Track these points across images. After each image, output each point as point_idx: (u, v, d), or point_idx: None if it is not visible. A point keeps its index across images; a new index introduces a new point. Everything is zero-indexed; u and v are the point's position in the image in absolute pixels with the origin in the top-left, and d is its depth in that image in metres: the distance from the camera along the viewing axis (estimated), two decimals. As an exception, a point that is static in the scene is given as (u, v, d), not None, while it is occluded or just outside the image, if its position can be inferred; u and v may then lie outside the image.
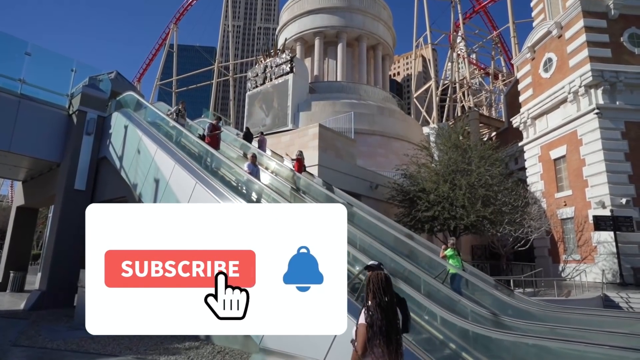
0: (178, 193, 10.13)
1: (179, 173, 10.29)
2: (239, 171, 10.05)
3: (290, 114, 27.33)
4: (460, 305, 6.87)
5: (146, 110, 14.68)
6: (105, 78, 17.91)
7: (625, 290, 15.73)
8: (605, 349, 4.87)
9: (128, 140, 13.46)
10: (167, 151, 11.15)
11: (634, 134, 20.96)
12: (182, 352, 7.59)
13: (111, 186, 14.59)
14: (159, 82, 58.70)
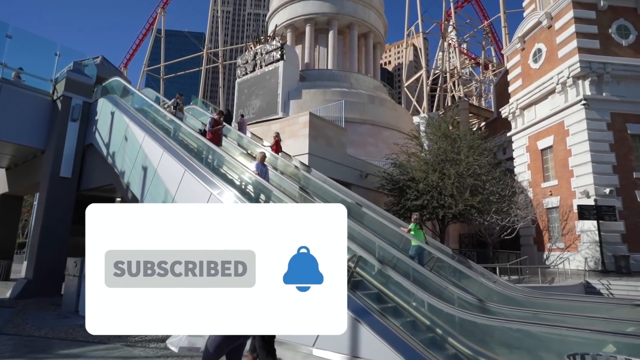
0: (166, 181, 10.03)
1: (167, 161, 10.17)
2: (245, 171, 9.47)
3: (281, 101, 27.11)
4: (447, 292, 7.00)
5: (133, 97, 14.40)
6: (91, 63, 17.50)
7: (606, 278, 16.20)
8: (585, 333, 5.03)
9: (115, 127, 13.23)
10: (155, 138, 11.00)
11: (619, 125, 21.33)
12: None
13: (98, 173, 14.37)
14: (146, 68, 57.51)
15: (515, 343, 5.84)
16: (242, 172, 9.71)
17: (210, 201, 8.64)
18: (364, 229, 8.55)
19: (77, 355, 6.51)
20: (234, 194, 8.44)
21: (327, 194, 10.93)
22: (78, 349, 6.90)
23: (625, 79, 21.92)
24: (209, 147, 10.24)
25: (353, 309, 5.82)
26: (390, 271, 6.45)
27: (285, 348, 6.39)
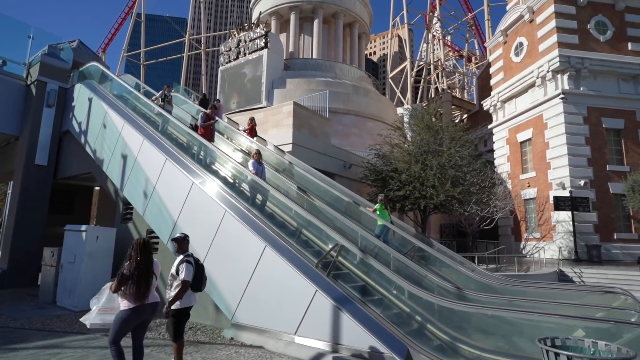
0: (147, 170, 9.85)
1: (147, 149, 9.98)
2: (239, 168, 9.08)
3: (265, 90, 26.80)
4: (427, 280, 7.16)
5: (112, 83, 14.00)
6: (67, 47, 16.88)
7: (578, 266, 16.84)
8: (556, 318, 5.25)
9: (93, 114, 12.86)
10: (135, 126, 10.76)
11: (594, 119, 21.98)
12: (152, 329, 7.56)
13: (75, 162, 13.99)
14: (125, 54, 55.77)
15: (491, 329, 6.05)
16: (225, 162, 9.60)
17: (192, 191, 8.54)
18: (346, 219, 8.63)
19: (55, 345, 6.41)
20: (217, 184, 8.35)
21: (309, 183, 10.95)
22: (56, 340, 6.79)
23: (601, 74, 22.53)
24: (200, 141, 9.92)
25: (334, 297, 5.90)
26: (372, 260, 6.55)
27: (267, 336, 6.45)
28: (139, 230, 10.45)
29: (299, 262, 6.52)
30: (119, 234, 10.35)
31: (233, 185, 9.14)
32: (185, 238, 5.25)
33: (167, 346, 6.39)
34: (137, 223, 10.46)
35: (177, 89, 23.03)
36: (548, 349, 3.28)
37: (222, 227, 7.70)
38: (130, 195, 10.32)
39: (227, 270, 7.46)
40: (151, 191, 9.48)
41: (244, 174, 8.88)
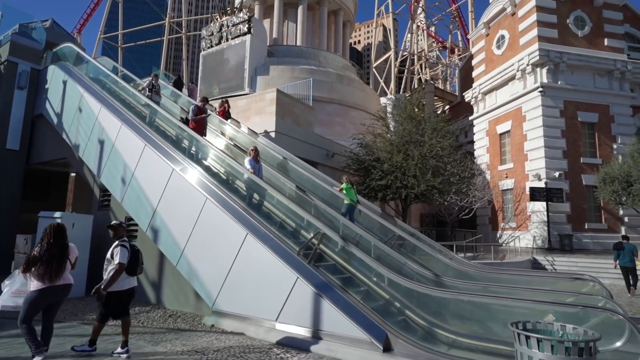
0: (125, 156, 9.62)
1: (126, 134, 9.73)
2: (236, 167, 8.72)
3: (247, 77, 26.37)
4: (406, 267, 7.30)
5: (88, 65, 13.52)
6: (39, 26, 16.17)
7: (551, 254, 17.48)
8: (529, 304, 5.45)
9: (68, 97, 12.41)
10: (113, 110, 10.45)
11: (570, 113, 22.59)
12: (132, 317, 7.47)
13: (50, 146, 13.53)
14: (102, 36, 53.73)
15: (467, 314, 6.24)
16: (209, 150, 9.44)
17: (172, 177, 8.40)
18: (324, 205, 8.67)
19: (30, 334, 6.25)
20: (198, 171, 8.23)
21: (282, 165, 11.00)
22: (31, 328, 6.63)
23: (578, 68, 23.10)
24: (186, 132, 9.55)
25: (316, 284, 5.96)
26: (353, 248, 6.63)
27: (248, 323, 6.48)
28: (117, 218, 10.23)
29: (281, 249, 6.53)
30: (97, 222, 10.12)
31: (214, 173, 9.03)
32: (120, 225, 5.39)
33: (146, 334, 6.35)
34: (115, 210, 10.25)
35: (157, 73, 22.41)
36: (519, 332, 3.41)
37: (203, 214, 7.63)
38: (108, 181, 10.07)
39: (208, 257, 7.42)
40: (130, 178, 9.27)
41: (253, 184, 8.32)
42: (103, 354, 5.22)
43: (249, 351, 5.45)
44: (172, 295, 8.37)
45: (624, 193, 17.61)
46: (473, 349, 5.52)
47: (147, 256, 9.11)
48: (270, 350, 5.49)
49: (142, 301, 8.78)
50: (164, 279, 8.59)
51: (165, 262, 8.44)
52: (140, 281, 9.14)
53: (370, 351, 5.15)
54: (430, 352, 5.09)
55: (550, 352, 3.18)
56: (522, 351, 3.38)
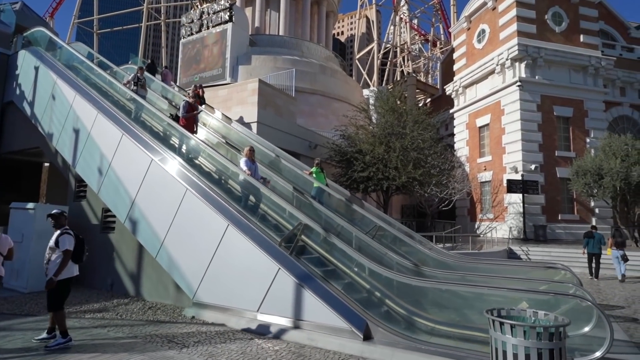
0: (102, 145, 9.36)
1: (102, 123, 9.45)
2: (231, 167, 8.34)
3: (229, 66, 25.92)
4: (387, 258, 7.41)
5: (61, 51, 13.01)
6: (8, 9, 15.44)
7: (526, 245, 18.05)
8: (504, 292, 5.64)
9: (40, 84, 11.94)
10: (88, 98, 10.11)
11: (547, 107, 23.20)
12: (110, 310, 7.37)
13: (21, 135, 13.03)
14: (76, 20, 51.68)
15: (446, 302, 6.40)
16: (189, 139, 9.26)
17: (151, 168, 8.23)
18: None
19: (4, 328, 6.09)
20: (178, 163, 8.08)
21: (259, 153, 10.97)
22: (4, 322, 6.46)
23: (555, 64, 23.67)
24: (176, 128, 9.20)
25: (297, 275, 5.99)
26: (335, 238, 6.67)
27: (229, 314, 6.47)
28: (94, 209, 10.00)
29: (263, 240, 6.52)
30: (72, 213, 9.85)
31: (195, 164, 8.89)
32: (62, 214, 5.45)
33: (124, 326, 6.26)
34: (92, 201, 9.99)
35: (135, 60, 21.81)
36: (494, 319, 3.52)
37: (183, 205, 7.52)
38: (84, 172, 9.79)
39: (188, 248, 7.34)
40: (107, 168, 9.04)
41: (250, 186, 7.96)
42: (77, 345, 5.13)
43: (230, 341, 5.45)
44: (151, 287, 8.26)
45: (595, 185, 18.27)
46: (451, 336, 5.68)
47: (125, 248, 9.00)
48: (251, 340, 5.51)
49: (120, 293, 8.64)
50: (143, 271, 8.46)
51: (144, 253, 8.31)
52: (119, 273, 9.00)
53: (350, 340, 5.23)
54: (410, 339, 5.21)
55: (523, 337, 3.30)
56: (496, 337, 3.50)
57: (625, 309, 8.38)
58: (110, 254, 9.25)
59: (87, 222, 10.07)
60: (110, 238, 9.38)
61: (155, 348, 5.11)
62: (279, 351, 5.05)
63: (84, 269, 9.75)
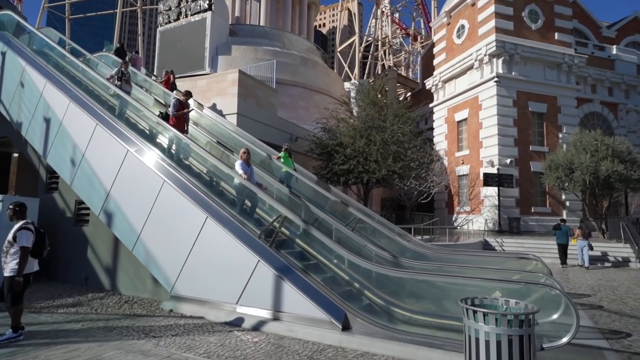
0: (75, 136, 9.03)
1: (75, 112, 9.12)
2: (227, 171, 7.88)
3: (208, 56, 25.39)
4: (366, 249, 7.50)
5: (31, 36, 12.44)
6: (-29, -10, 14.59)
7: (501, 236, 18.61)
8: (478, 281, 5.81)
9: (8, 70, 11.38)
10: (60, 86, 9.73)
11: (522, 103, 23.82)
12: (84, 304, 7.20)
13: (-13, 124, 12.41)
14: (46, 5, 49.44)
15: (422, 293, 6.54)
16: (165, 130, 9.06)
17: (126, 159, 8.02)
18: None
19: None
20: (156, 154, 7.89)
21: (228, 138, 11.00)
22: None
23: (531, 60, 24.28)
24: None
25: (277, 267, 5.99)
26: (314, 231, 6.69)
27: (208, 307, 6.43)
28: (67, 201, 9.70)
29: (242, 233, 6.48)
30: (44, 205, 9.51)
31: (173, 156, 8.71)
32: (22, 205, 5.21)
33: (99, 320, 6.14)
34: (64, 193, 9.68)
35: (110, 48, 21.07)
36: (467, 307, 3.63)
37: (160, 198, 7.38)
38: (56, 163, 9.45)
39: (166, 242, 7.22)
40: (80, 159, 8.74)
41: (247, 190, 7.65)
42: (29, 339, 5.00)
43: (209, 334, 5.42)
44: (127, 281, 8.10)
45: (566, 179, 18.94)
46: (427, 325, 5.82)
47: (100, 241, 8.78)
48: (230, 332, 5.50)
49: (95, 287, 8.45)
50: (119, 264, 8.29)
51: (120, 246, 8.13)
52: (93, 267, 8.79)
53: (329, 330, 5.29)
54: (387, 329, 5.31)
55: (495, 324, 3.42)
56: (469, 325, 3.61)
57: (592, 297, 8.78)
58: (84, 248, 9.00)
59: (60, 214, 9.76)
60: (84, 231, 9.13)
61: (131, 341, 5.03)
62: (258, 342, 5.07)
63: (56, 263, 9.54)
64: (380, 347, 4.83)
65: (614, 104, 27.75)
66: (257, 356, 4.54)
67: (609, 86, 27.65)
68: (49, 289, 8.35)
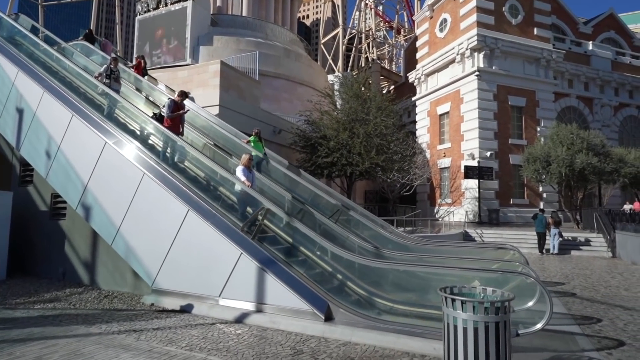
0: (49, 127, 8.75)
1: (49, 103, 8.82)
2: (229, 177, 7.52)
3: (189, 46, 24.90)
4: (349, 241, 7.56)
5: (1, 23, 11.92)
6: None
7: (480, 227, 19.05)
8: (458, 271, 5.93)
9: (-25, 59, 10.89)
10: (33, 76, 9.38)
11: (502, 97, 24.27)
12: (62, 299, 7.05)
13: (-45, 115, 11.88)
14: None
15: (404, 283, 6.65)
16: (144, 122, 8.85)
17: (104, 151, 7.83)
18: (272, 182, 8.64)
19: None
20: (135, 147, 7.70)
21: (213, 132, 10.86)
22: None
23: (511, 55, 24.71)
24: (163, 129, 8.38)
25: (260, 260, 5.98)
26: (297, 223, 6.70)
27: (191, 300, 6.38)
28: (42, 195, 9.42)
29: (224, 225, 6.43)
30: (18, 199, 9.22)
31: (152, 147, 8.54)
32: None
33: (78, 316, 6.02)
34: (40, 186, 9.40)
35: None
36: (446, 296, 3.72)
37: (140, 190, 7.24)
38: (30, 155, 9.14)
39: (146, 235, 7.11)
40: (55, 151, 8.48)
41: (249, 197, 7.31)
42: None
43: (191, 327, 5.39)
44: (107, 275, 7.96)
45: (543, 172, 19.46)
46: (408, 314, 5.93)
47: (78, 235, 8.58)
48: (213, 325, 5.48)
49: (73, 282, 8.27)
50: (98, 259, 8.12)
51: (99, 241, 7.95)
52: (71, 261, 8.60)
53: (312, 321, 5.33)
54: (369, 319, 5.39)
55: (472, 312, 3.51)
56: (448, 312, 3.70)
57: (565, 284, 9.10)
58: (62, 242, 8.78)
59: (35, 208, 9.47)
60: (61, 225, 8.89)
61: (111, 336, 4.96)
62: (241, 335, 5.07)
63: (32, 257, 9.29)
64: (362, 337, 4.91)
65: (590, 98, 28.59)
66: (240, 348, 4.55)
67: (584, 81, 28.44)
68: (24, 284, 8.13)
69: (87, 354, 4.30)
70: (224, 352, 4.40)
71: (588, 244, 15.87)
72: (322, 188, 10.85)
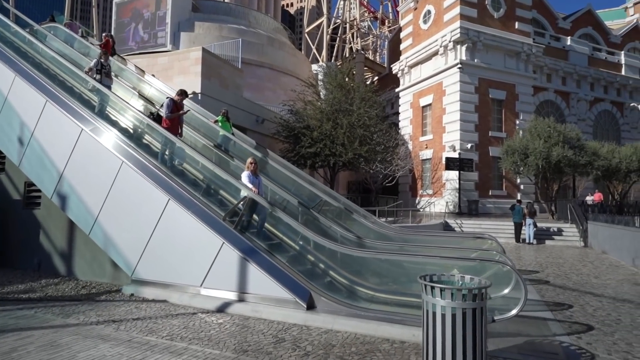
0: (22, 113, 8.43)
1: (21, 88, 8.49)
2: (234, 182, 7.12)
3: (170, 32, 24.26)
4: (331, 230, 7.62)
5: (-33, 3, 11.33)
6: None
7: (460, 218, 19.45)
8: (438, 260, 6.06)
9: (-59, 40, 10.34)
10: (3, 59, 8.99)
11: (483, 90, 24.63)
12: (37, 290, 6.88)
13: None
14: (-14, -32, 44.94)
15: (385, 272, 6.75)
16: (124, 110, 8.61)
17: (81, 139, 7.60)
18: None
19: None
20: (113, 133, 7.50)
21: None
22: None
23: (492, 48, 25.03)
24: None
25: (242, 249, 5.97)
26: (280, 213, 6.69)
27: (171, 290, 6.33)
28: (15, 183, 9.10)
29: (206, 215, 6.37)
30: (-12, 187, 8.89)
31: (132, 136, 8.34)
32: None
33: (54, 307, 5.88)
34: (12, 174, 9.08)
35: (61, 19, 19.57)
36: (426, 283, 3.80)
37: (119, 179, 7.07)
38: (1, 142, 8.80)
39: (126, 225, 6.98)
40: (28, 138, 8.19)
41: (258, 206, 6.92)
42: None
43: (172, 317, 5.35)
44: (85, 266, 7.80)
45: (521, 164, 19.93)
46: (389, 303, 6.04)
47: (53, 225, 8.36)
48: (194, 315, 5.45)
49: (49, 273, 8.08)
50: (75, 249, 7.95)
51: (76, 230, 7.77)
52: (47, 251, 8.38)
53: (294, 310, 5.37)
54: (351, 307, 5.46)
55: (450, 299, 3.60)
56: (427, 300, 3.78)
57: (540, 273, 9.43)
58: (36, 232, 8.53)
59: (7, 197, 9.16)
60: (36, 214, 8.64)
61: (89, 326, 4.88)
62: (222, 324, 5.06)
63: (4, 248, 8.99)
64: (343, 324, 4.98)
65: (567, 93, 29.33)
66: (221, 337, 4.55)
67: (562, 76, 29.12)
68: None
69: (64, 344, 4.22)
70: (205, 341, 4.40)
71: (561, 233, 16.43)
72: (305, 178, 10.84)
